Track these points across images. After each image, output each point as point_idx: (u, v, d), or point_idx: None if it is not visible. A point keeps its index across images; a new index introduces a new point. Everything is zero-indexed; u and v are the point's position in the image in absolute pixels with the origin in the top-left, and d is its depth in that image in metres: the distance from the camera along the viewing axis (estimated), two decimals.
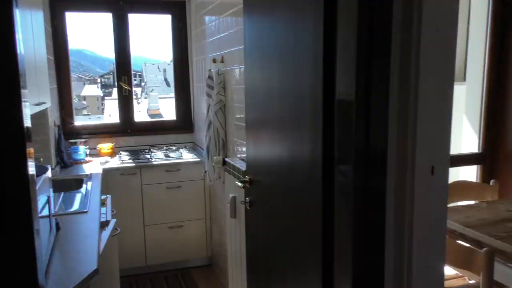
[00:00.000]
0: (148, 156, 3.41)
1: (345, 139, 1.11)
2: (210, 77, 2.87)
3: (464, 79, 3.12)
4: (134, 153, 3.57)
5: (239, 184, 1.93)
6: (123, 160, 3.31)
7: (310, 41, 1.24)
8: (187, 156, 3.45)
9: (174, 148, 3.73)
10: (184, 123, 3.92)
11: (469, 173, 3.02)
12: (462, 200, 2.45)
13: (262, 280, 1.89)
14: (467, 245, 1.82)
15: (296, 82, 1.38)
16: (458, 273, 2.56)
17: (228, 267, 2.66)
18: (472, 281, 2.24)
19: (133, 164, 3.22)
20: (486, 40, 2.77)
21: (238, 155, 2.56)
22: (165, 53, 3.96)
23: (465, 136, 3.03)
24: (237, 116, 2.53)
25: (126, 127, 3.75)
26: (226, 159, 2.58)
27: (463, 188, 2.42)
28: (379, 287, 1.12)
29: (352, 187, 1.09)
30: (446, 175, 1.09)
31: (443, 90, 1.05)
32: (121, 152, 3.61)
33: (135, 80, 6.18)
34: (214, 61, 2.84)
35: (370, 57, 1.02)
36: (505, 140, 2.79)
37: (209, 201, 3.39)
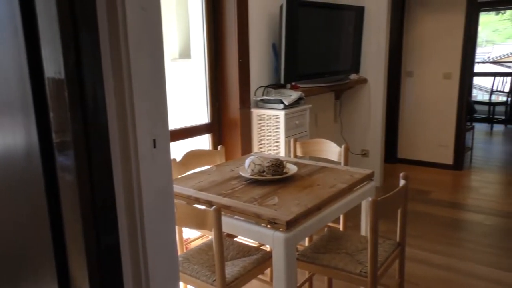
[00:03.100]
0: None
1: (61, 121, 1.03)
2: None
3: (190, 57, 3.42)
4: None
5: None
6: None
7: (7, 10, 1.08)
8: None
9: None
10: None
11: (204, 142, 3.38)
12: (197, 167, 2.72)
13: None
14: (202, 207, 2.04)
15: None
16: (201, 233, 2.86)
17: None
18: (211, 237, 2.54)
19: None
20: (203, 21, 3.08)
21: None
22: None
23: (198, 108, 3.35)
24: None
25: None
26: None
27: (197, 156, 2.69)
28: (117, 262, 1.13)
29: (75, 169, 1.04)
30: (167, 146, 1.17)
31: (155, 66, 1.10)
32: None
33: None
34: None
35: (77, 33, 0.97)
36: (226, 109, 3.23)
37: None
